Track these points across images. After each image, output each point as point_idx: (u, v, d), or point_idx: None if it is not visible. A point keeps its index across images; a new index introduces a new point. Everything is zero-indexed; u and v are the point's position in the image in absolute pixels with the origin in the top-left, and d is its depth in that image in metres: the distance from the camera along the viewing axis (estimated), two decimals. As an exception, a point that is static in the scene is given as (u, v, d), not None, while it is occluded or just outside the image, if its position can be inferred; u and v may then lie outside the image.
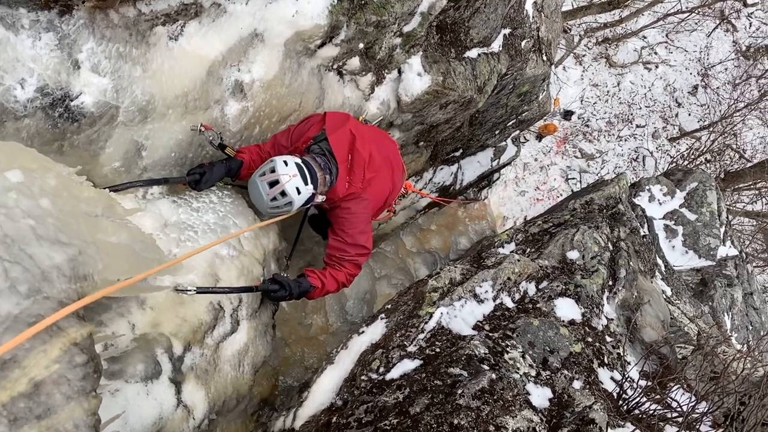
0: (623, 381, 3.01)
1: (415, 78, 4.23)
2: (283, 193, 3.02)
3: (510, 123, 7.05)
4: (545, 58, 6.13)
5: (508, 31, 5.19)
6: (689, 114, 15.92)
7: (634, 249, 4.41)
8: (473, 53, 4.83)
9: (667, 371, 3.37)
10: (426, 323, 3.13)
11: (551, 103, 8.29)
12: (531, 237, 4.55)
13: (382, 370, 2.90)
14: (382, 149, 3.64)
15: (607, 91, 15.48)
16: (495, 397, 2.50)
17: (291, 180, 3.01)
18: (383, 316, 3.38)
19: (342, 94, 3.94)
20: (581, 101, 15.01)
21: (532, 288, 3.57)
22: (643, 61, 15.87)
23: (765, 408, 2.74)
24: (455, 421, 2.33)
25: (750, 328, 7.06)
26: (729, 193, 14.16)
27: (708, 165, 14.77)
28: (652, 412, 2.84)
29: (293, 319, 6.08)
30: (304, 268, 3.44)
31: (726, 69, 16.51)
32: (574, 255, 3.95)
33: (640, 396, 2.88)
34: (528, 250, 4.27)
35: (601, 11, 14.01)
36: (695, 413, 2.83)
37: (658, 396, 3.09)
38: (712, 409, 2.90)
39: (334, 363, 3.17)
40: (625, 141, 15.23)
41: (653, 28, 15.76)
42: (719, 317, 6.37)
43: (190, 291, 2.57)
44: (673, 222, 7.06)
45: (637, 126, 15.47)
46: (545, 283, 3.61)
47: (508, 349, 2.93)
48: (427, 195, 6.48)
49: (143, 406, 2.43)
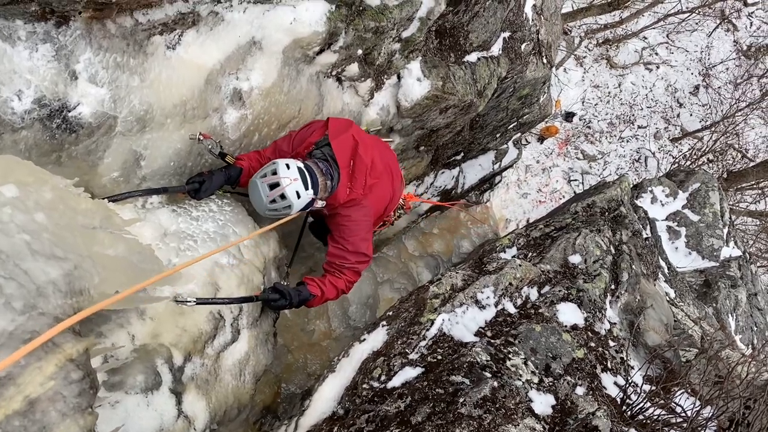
0: (627, 386, 2.98)
1: (415, 83, 4.22)
2: (283, 196, 3.00)
3: (511, 126, 7.04)
4: (545, 60, 6.11)
5: (507, 35, 5.18)
6: (691, 114, 15.90)
7: (636, 252, 4.38)
8: (473, 57, 4.82)
9: (671, 375, 3.33)
10: (427, 330, 3.11)
11: (552, 105, 8.27)
12: (532, 241, 4.52)
13: (383, 378, 2.87)
14: (383, 156, 3.63)
15: (609, 93, 15.47)
16: (497, 406, 2.47)
17: (292, 183, 2.99)
18: (384, 323, 3.36)
19: (341, 100, 3.93)
20: (582, 103, 15.00)
21: (534, 293, 3.55)
22: (644, 62, 15.86)
23: (770, 413, 2.71)
24: (457, 431, 2.31)
25: (754, 329, 7.01)
26: (732, 193, 14.09)
27: (710, 165, 14.72)
28: (656, 417, 2.82)
29: (296, 326, 6.05)
30: (305, 274, 3.43)
31: (727, 69, 16.49)
32: (576, 259, 3.93)
33: (644, 401, 2.86)
34: (530, 254, 4.24)
35: (602, 12, 14.01)
36: (700, 418, 2.81)
37: (662, 401, 3.06)
38: (716, 414, 2.88)
39: (335, 371, 3.14)
40: (627, 142, 15.21)
41: (654, 28, 15.76)
42: (723, 319, 6.32)
43: (189, 302, 2.55)
44: (676, 223, 7.02)
45: (639, 127, 15.46)
46: (547, 288, 3.59)
47: (510, 356, 2.91)
48: (429, 201, 6.46)
49: (144, 417, 2.42)
